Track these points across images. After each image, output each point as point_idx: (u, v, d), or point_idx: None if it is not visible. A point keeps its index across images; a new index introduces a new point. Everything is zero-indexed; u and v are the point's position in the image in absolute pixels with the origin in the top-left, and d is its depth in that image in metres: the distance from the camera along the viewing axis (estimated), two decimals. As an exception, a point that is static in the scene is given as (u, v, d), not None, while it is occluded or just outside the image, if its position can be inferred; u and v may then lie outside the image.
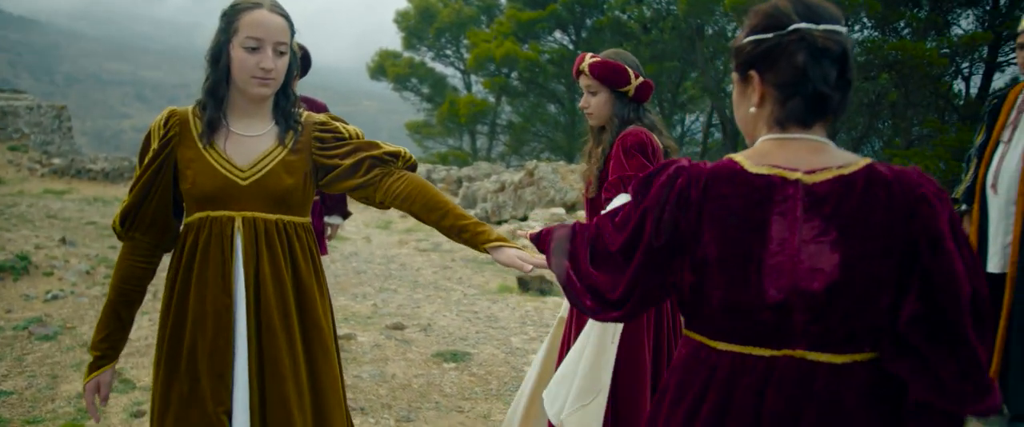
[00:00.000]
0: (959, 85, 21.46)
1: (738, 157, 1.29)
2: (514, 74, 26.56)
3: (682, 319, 1.37)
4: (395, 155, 2.08)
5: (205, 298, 1.89)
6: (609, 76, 2.56)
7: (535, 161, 11.84)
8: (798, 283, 1.19)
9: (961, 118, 20.07)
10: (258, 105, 1.98)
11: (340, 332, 4.94)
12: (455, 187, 15.02)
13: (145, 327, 5.02)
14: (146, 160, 1.93)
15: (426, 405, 3.99)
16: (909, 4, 21.08)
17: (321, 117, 2.09)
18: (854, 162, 1.25)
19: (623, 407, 2.49)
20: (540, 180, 11.34)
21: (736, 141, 23.87)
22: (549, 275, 6.51)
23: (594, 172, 2.59)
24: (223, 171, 1.92)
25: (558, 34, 27.91)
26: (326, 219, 4.24)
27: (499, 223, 12.53)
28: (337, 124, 2.10)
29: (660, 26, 24.41)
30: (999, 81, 19.61)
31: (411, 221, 11.04)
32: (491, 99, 28.24)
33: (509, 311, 6.23)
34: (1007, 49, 19.42)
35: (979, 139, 3.67)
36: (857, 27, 23.36)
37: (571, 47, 26.98)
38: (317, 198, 4.12)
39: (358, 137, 2.09)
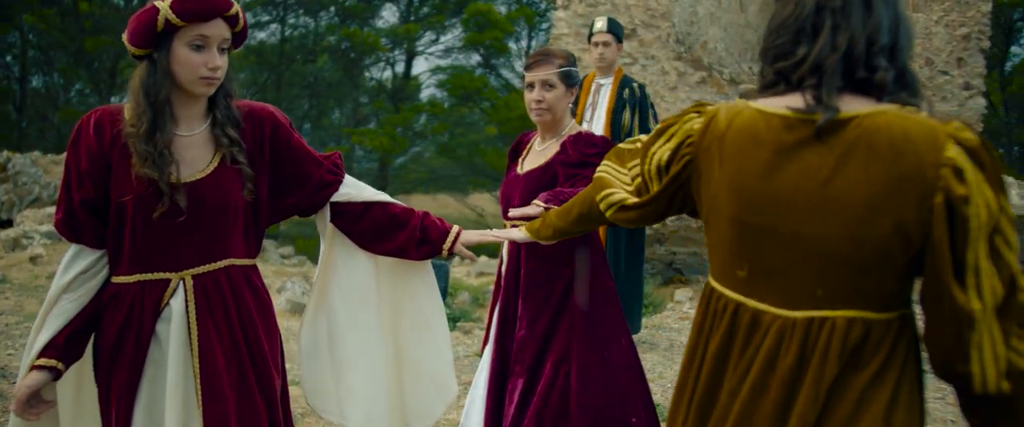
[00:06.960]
0: (388, 72, 24.48)
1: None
2: None
3: None
4: None
5: None
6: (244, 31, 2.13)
7: (6, 153, 9.88)
8: None
9: (394, 100, 23.01)
10: None
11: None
12: None
13: None
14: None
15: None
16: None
17: None
18: None
19: None
20: (17, 175, 9.59)
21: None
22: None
23: None
24: None
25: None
26: None
27: (-40, 231, 10.13)
28: None
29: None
30: (417, 68, 23.03)
31: None
32: None
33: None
34: (425, 40, 23.00)
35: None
36: (292, 15, 24.66)
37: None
38: None
39: None
